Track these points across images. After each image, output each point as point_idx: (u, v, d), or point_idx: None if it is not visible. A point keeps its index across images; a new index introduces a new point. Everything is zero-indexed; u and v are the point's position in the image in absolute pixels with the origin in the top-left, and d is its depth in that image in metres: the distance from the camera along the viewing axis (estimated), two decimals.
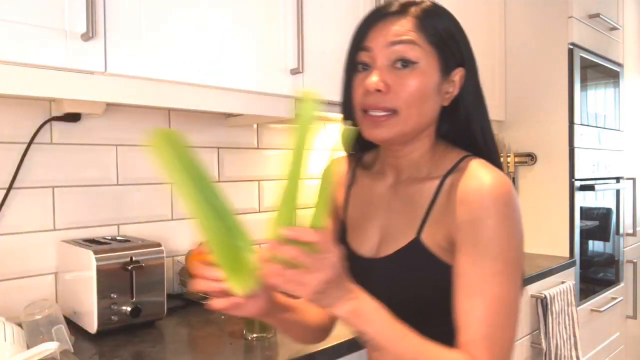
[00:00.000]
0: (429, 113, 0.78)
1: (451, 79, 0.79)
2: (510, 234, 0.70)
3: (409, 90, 0.74)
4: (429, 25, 0.76)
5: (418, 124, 0.77)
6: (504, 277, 0.69)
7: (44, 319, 0.97)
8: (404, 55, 0.75)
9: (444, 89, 0.78)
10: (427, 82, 0.75)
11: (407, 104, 0.75)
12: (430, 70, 0.76)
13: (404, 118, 0.75)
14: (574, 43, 2.00)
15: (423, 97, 0.75)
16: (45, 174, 1.23)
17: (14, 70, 0.87)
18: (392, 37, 0.75)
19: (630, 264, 2.51)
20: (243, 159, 1.63)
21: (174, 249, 1.46)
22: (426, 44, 0.76)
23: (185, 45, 1.07)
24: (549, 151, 2.04)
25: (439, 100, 0.78)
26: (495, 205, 0.70)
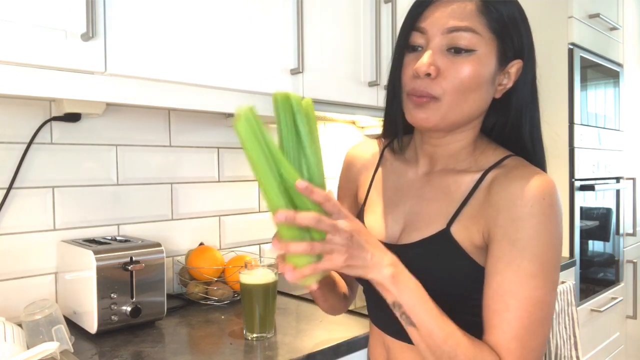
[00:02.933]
0: (477, 103, 0.73)
1: (507, 71, 0.74)
2: (551, 237, 0.67)
3: (460, 77, 0.70)
4: (492, 9, 0.70)
5: (464, 113, 0.73)
6: (541, 280, 0.65)
7: (44, 319, 0.97)
8: (460, 42, 0.69)
9: (498, 80, 0.74)
10: (481, 71, 0.70)
11: (455, 90, 0.70)
12: (487, 59, 0.71)
13: (447, 105, 0.71)
14: (574, 43, 2.00)
15: (474, 86, 0.71)
16: (45, 174, 1.23)
17: (14, 70, 0.87)
18: (450, 22, 0.70)
19: (630, 264, 2.51)
20: (243, 159, 1.62)
21: (174, 249, 1.46)
22: (486, 30, 0.70)
23: (185, 45, 1.07)
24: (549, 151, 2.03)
25: (491, 91, 0.74)
26: (540, 205, 0.66)
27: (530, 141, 0.77)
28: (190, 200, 1.50)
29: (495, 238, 0.68)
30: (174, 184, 1.46)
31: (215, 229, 1.56)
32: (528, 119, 0.76)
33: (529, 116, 0.76)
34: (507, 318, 0.65)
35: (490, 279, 0.67)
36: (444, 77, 0.70)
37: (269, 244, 1.70)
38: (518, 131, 0.77)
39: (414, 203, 0.79)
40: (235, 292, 1.36)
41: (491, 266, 0.68)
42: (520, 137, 0.77)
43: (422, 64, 0.70)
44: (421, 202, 0.78)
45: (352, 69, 1.44)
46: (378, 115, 1.58)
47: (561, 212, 0.69)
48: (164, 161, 1.44)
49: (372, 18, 1.48)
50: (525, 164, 0.73)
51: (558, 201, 0.68)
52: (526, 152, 0.76)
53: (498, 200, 0.69)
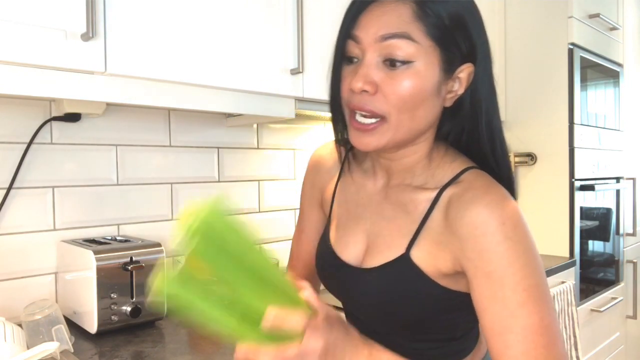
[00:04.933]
0: (425, 118, 0.67)
1: (456, 76, 0.67)
2: (525, 259, 0.61)
3: (400, 93, 0.64)
4: (431, 11, 0.63)
5: (412, 130, 0.67)
6: (532, 305, 0.60)
7: (44, 319, 0.97)
8: (395, 53, 0.63)
9: (446, 88, 0.67)
10: (422, 84, 0.64)
11: (398, 109, 0.64)
12: (429, 70, 0.64)
13: (394, 125, 0.65)
14: (574, 43, 1.99)
15: (417, 102, 0.64)
16: (45, 174, 1.23)
17: (14, 70, 0.87)
18: (383, 29, 0.63)
19: (630, 264, 2.51)
20: (243, 159, 1.63)
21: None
22: (425, 37, 0.63)
23: (185, 45, 1.07)
24: (549, 151, 2.04)
25: (439, 102, 0.68)
26: (501, 232, 0.60)
27: (490, 151, 0.70)
28: (190, 201, 1.50)
29: (469, 272, 0.63)
30: (174, 184, 1.46)
31: None
32: (485, 125, 0.69)
33: (485, 122, 0.69)
34: (513, 355, 0.59)
35: (481, 318, 0.63)
36: (383, 94, 0.64)
37: (269, 244, 1.71)
38: (477, 140, 0.70)
39: (374, 221, 0.75)
40: None
41: (477, 303, 0.63)
42: (480, 146, 0.70)
43: (356, 81, 0.64)
44: (381, 221, 0.74)
45: None
46: None
47: (527, 228, 0.63)
48: (164, 161, 1.44)
49: None
50: (480, 180, 0.67)
51: (520, 220, 0.62)
52: (486, 160, 0.70)
53: (458, 228, 0.63)
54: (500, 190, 0.64)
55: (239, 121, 1.54)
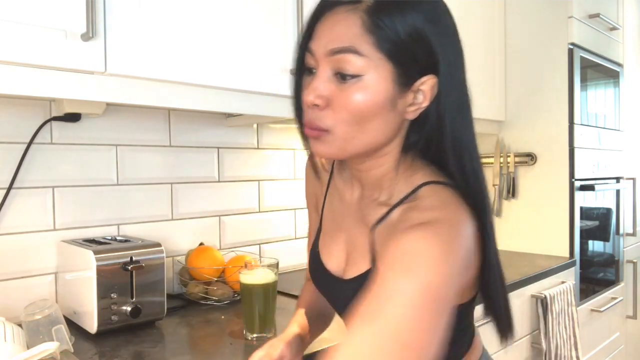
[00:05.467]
0: (379, 131, 0.63)
1: (417, 89, 0.63)
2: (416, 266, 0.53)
3: (348, 107, 0.61)
4: (383, 24, 0.59)
5: (365, 143, 0.64)
6: (394, 303, 0.52)
7: (44, 319, 0.97)
8: (344, 67, 0.60)
9: (405, 101, 0.63)
10: (372, 98, 0.61)
11: (345, 122, 0.62)
12: (380, 84, 0.61)
13: (340, 137, 0.63)
14: (574, 43, 1.99)
15: (367, 115, 0.61)
16: (45, 174, 1.23)
17: (14, 70, 0.87)
18: (332, 43, 0.61)
19: (630, 264, 2.51)
20: (243, 159, 1.63)
21: (174, 249, 1.46)
22: (375, 51, 0.60)
23: (185, 45, 1.07)
24: (549, 151, 2.04)
25: (396, 115, 0.63)
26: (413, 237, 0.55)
27: (457, 167, 0.64)
28: (190, 200, 1.50)
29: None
30: (174, 184, 1.46)
31: (215, 229, 1.56)
32: (451, 140, 0.64)
33: (452, 137, 0.64)
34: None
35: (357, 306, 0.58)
36: (332, 107, 0.62)
37: (269, 244, 1.71)
38: (444, 155, 0.65)
39: (351, 232, 0.74)
40: (235, 292, 1.36)
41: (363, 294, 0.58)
42: (446, 161, 0.65)
43: (307, 94, 0.63)
44: (356, 232, 0.72)
45: None
46: None
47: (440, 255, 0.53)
48: (164, 161, 1.44)
49: None
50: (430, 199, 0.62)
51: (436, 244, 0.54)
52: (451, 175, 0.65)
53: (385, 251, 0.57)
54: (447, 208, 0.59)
55: (239, 121, 1.54)
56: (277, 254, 1.70)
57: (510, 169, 2.12)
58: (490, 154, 2.18)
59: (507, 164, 2.12)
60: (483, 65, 2.01)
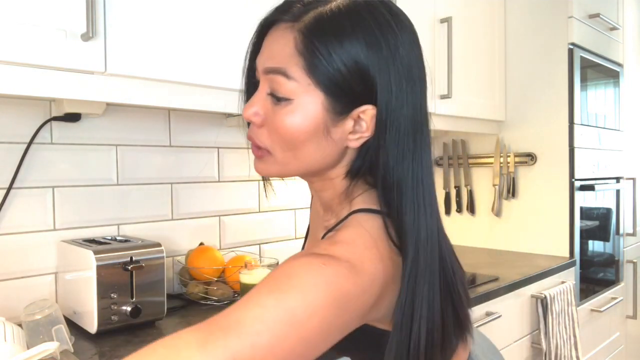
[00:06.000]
0: (311, 157, 0.60)
1: (356, 116, 0.58)
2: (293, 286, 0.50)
3: (278, 130, 0.59)
4: (315, 49, 0.55)
5: (303, 166, 0.61)
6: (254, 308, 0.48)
7: (44, 319, 0.97)
8: (276, 88, 0.58)
9: (343, 129, 0.59)
10: (302, 124, 0.57)
11: (278, 145, 0.60)
12: (309, 109, 0.57)
13: (280, 160, 0.61)
14: (574, 43, 1.99)
15: (296, 141, 0.58)
16: (45, 174, 1.23)
17: (14, 70, 0.87)
18: (267, 61, 0.59)
19: (630, 264, 2.51)
20: (243, 159, 1.63)
21: (174, 249, 1.46)
22: (304, 75, 0.56)
23: (185, 45, 1.07)
24: (549, 151, 2.04)
25: (334, 142, 0.59)
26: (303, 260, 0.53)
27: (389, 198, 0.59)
28: (190, 200, 1.50)
29: None
30: (174, 184, 1.46)
31: (215, 229, 1.56)
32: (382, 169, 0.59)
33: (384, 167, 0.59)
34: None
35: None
36: (267, 128, 0.60)
37: (269, 244, 1.71)
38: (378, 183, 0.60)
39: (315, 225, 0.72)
40: (235, 292, 1.36)
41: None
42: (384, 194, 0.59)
43: (245, 109, 0.61)
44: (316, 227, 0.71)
45: None
46: None
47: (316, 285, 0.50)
48: (164, 161, 1.44)
49: None
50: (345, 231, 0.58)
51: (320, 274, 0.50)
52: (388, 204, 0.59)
53: None
54: (345, 253, 0.53)
55: (239, 121, 1.54)
56: (277, 254, 1.70)
57: (510, 169, 2.12)
58: (490, 154, 2.18)
59: (507, 164, 2.12)
60: (483, 65, 2.01)
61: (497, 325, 1.51)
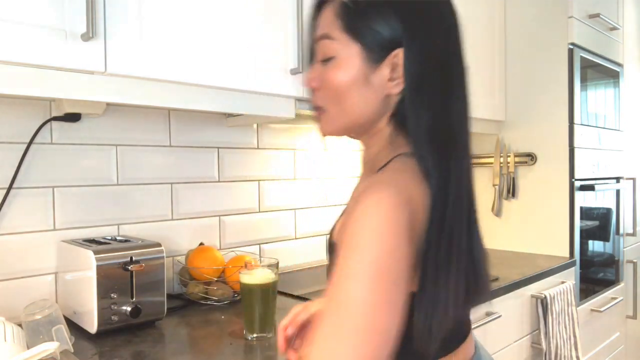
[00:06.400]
0: (357, 107, 0.68)
1: (389, 64, 0.66)
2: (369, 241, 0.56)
3: (328, 85, 0.69)
4: (346, 9, 0.67)
5: (352, 117, 0.69)
6: (352, 282, 0.56)
7: (44, 319, 0.97)
8: (323, 52, 0.70)
9: (381, 77, 0.67)
10: (344, 75, 0.67)
11: (330, 100, 0.70)
12: (349, 62, 0.67)
13: (332, 115, 0.71)
14: (574, 43, 1.99)
15: (343, 90, 0.68)
16: (45, 174, 1.23)
17: (14, 70, 0.87)
18: (317, 32, 0.71)
19: (630, 264, 2.51)
20: (243, 159, 1.63)
21: (174, 249, 1.46)
22: (342, 33, 0.67)
23: (185, 45, 1.07)
24: (549, 151, 2.04)
25: (375, 91, 0.67)
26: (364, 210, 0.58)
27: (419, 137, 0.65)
28: (190, 200, 1.50)
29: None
30: (174, 184, 1.46)
31: (215, 229, 1.56)
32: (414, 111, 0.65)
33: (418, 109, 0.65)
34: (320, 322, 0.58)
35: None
36: (322, 87, 0.71)
37: (269, 243, 1.71)
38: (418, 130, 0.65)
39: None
40: (235, 292, 1.36)
41: None
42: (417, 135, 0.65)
43: (304, 80, 0.73)
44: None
45: None
46: None
47: (390, 224, 0.57)
48: (164, 161, 1.44)
49: None
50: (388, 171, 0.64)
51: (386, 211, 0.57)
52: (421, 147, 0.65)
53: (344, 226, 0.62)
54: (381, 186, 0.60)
55: (239, 121, 1.54)
56: (277, 254, 1.70)
57: (510, 169, 2.12)
58: (490, 154, 2.18)
59: (507, 164, 2.12)
60: (483, 65, 2.01)
61: (497, 325, 1.51)
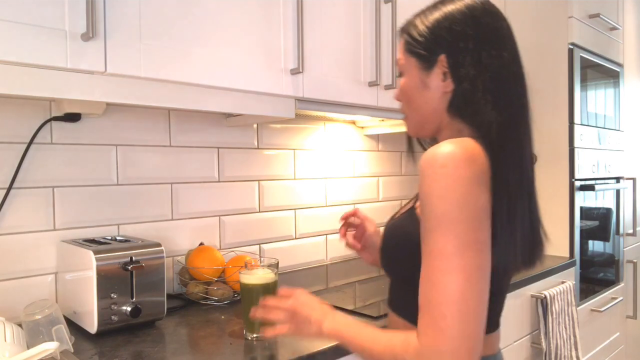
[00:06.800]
0: (423, 106, 0.86)
1: (438, 70, 0.82)
2: (444, 191, 0.68)
3: (401, 95, 0.90)
4: (406, 38, 0.87)
5: (419, 117, 0.88)
6: (438, 233, 0.68)
7: (44, 319, 0.97)
8: (398, 69, 0.91)
9: (436, 79, 0.83)
10: (408, 83, 0.87)
11: (406, 106, 0.90)
12: (410, 71, 0.87)
13: (409, 117, 0.91)
14: (574, 43, 2.00)
15: (409, 97, 0.88)
16: (45, 174, 1.23)
17: (14, 70, 0.87)
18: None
19: (630, 264, 2.51)
20: (243, 159, 1.63)
21: (174, 249, 1.46)
22: (406, 54, 0.88)
23: (185, 45, 1.07)
24: (549, 151, 2.04)
25: (433, 92, 0.84)
26: (431, 167, 0.70)
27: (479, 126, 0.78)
28: (190, 200, 1.50)
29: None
30: (174, 184, 1.46)
31: (215, 229, 1.56)
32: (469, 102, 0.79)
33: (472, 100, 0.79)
34: (420, 279, 0.71)
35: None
36: (401, 98, 0.92)
37: (269, 243, 1.71)
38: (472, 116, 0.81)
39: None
40: (235, 292, 1.36)
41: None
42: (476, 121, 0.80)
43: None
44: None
45: (352, 69, 1.44)
46: (378, 115, 1.58)
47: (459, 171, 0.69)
48: (164, 161, 1.44)
49: (372, 18, 1.48)
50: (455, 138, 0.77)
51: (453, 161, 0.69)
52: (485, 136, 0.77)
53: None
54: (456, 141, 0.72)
55: (239, 121, 1.54)
56: (277, 254, 1.70)
57: None
58: None
59: None
60: None
61: None
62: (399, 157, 2.20)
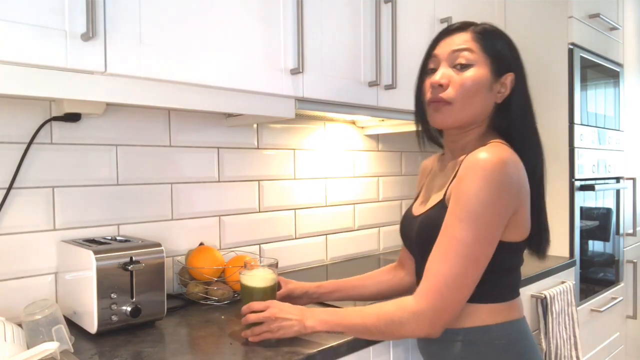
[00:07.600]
0: (480, 105, 0.97)
1: (503, 82, 0.97)
2: (480, 191, 0.85)
3: (463, 84, 0.95)
4: (484, 39, 0.97)
5: (471, 113, 0.96)
6: (467, 224, 0.85)
7: (44, 319, 0.96)
8: (461, 60, 0.96)
9: (496, 88, 0.97)
10: (478, 79, 0.95)
11: (461, 95, 0.95)
12: (482, 70, 0.95)
13: (457, 107, 0.96)
14: (574, 43, 2.00)
15: (475, 91, 0.95)
16: (45, 174, 1.23)
17: (14, 70, 0.87)
18: (454, 46, 0.97)
19: (630, 264, 2.51)
20: (243, 159, 1.63)
21: (174, 249, 1.46)
22: (480, 51, 0.96)
23: (185, 45, 1.07)
24: (549, 151, 2.03)
25: (491, 96, 0.97)
26: (476, 168, 0.86)
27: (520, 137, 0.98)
28: (190, 200, 1.50)
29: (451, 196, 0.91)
30: (174, 184, 1.46)
31: (215, 229, 1.56)
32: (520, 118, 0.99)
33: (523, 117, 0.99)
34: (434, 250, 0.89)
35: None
36: (452, 86, 0.96)
37: (269, 243, 1.71)
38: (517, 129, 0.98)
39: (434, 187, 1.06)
40: (235, 292, 1.36)
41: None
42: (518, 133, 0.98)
43: (435, 77, 0.97)
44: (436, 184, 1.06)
45: (352, 69, 1.44)
46: (378, 115, 1.58)
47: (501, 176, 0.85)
48: (164, 161, 1.44)
49: (372, 18, 1.48)
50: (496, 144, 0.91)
51: (497, 167, 0.85)
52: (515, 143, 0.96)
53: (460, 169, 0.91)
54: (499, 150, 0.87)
55: (239, 121, 1.54)
56: (277, 254, 1.70)
57: None
58: None
59: None
60: None
61: None
62: (399, 157, 2.20)
